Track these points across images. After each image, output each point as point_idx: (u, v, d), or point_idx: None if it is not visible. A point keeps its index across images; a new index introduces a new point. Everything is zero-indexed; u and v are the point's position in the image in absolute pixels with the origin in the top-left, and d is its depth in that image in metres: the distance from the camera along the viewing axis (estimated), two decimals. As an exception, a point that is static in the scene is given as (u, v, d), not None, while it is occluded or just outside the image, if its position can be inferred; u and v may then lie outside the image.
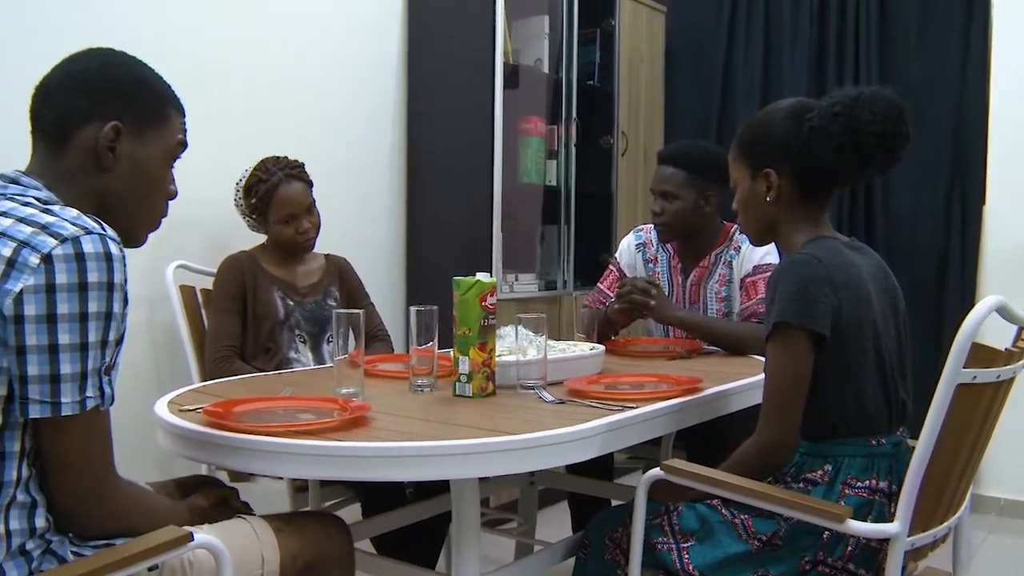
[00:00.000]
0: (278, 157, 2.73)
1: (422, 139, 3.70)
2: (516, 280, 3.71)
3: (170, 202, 1.56)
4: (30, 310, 1.22)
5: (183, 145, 1.53)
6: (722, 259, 2.84)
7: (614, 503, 2.71)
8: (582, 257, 4.04)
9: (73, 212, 1.31)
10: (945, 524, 1.68)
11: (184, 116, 1.54)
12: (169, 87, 1.52)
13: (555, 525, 3.10)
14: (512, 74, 3.66)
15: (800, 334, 1.71)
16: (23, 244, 1.24)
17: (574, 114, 3.95)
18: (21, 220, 1.27)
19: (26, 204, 1.32)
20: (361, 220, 3.56)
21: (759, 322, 2.66)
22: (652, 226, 3.00)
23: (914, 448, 1.58)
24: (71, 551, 1.32)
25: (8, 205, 1.31)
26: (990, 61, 3.92)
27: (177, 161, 1.54)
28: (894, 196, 4.20)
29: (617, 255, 3.09)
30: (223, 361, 2.55)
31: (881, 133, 1.74)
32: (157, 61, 1.54)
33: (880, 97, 1.75)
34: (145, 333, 2.80)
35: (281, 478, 2.39)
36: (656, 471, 1.76)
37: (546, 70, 3.90)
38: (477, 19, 3.50)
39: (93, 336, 1.26)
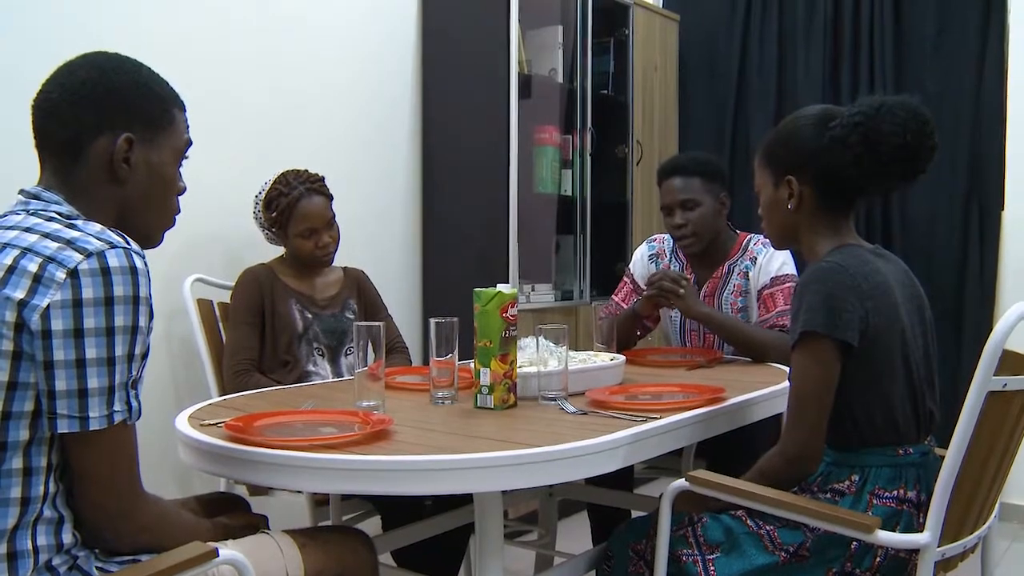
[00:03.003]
0: (298, 170, 2.72)
1: (437, 149, 3.70)
2: (532, 290, 3.70)
3: (185, 215, 1.57)
4: (57, 325, 1.22)
5: (190, 142, 1.53)
6: (736, 269, 2.83)
7: (634, 514, 2.69)
8: (598, 267, 4.02)
9: (97, 227, 1.31)
10: (975, 534, 1.67)
11: (185, 111, 1.53)
12: (168, 85, 1.51)
13: (574, 536, 3.09)
14: (526, 84, 3.65)
15: (827, 343, 1.69)
16: (49, 259, 1.24)
17: (589, 123, 3.94)
18: (46, 235, 1.28)
19: (50, 219, 1.32)
20: (377, 231, 3.56)
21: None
22: (668, 238, 2.99)
23: (942, 457, 1.56)
24: (96, 567, 1.32)
25: (32, 220, 1.32)
26: (1007, 66, 3.90)
27: (185, 161, 1.54)
28: (911, 203, 4.18)
29: (631, 266, 3.08)
30: (242, 374, 2.54)
31: (901, 145, 1.71)
32: (173, 75, 1.54)
33: (903, 107, 1.71)
34: (163, 347, 2.80)
35: (301, 492, 2.38)
36: (681, 482, 1.75)
37: (560, 80, 3.89)
38: (491, 29, 3.50)
39: (120, 350, 1.26)
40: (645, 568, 1.86)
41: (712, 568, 1.74)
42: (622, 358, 2.31)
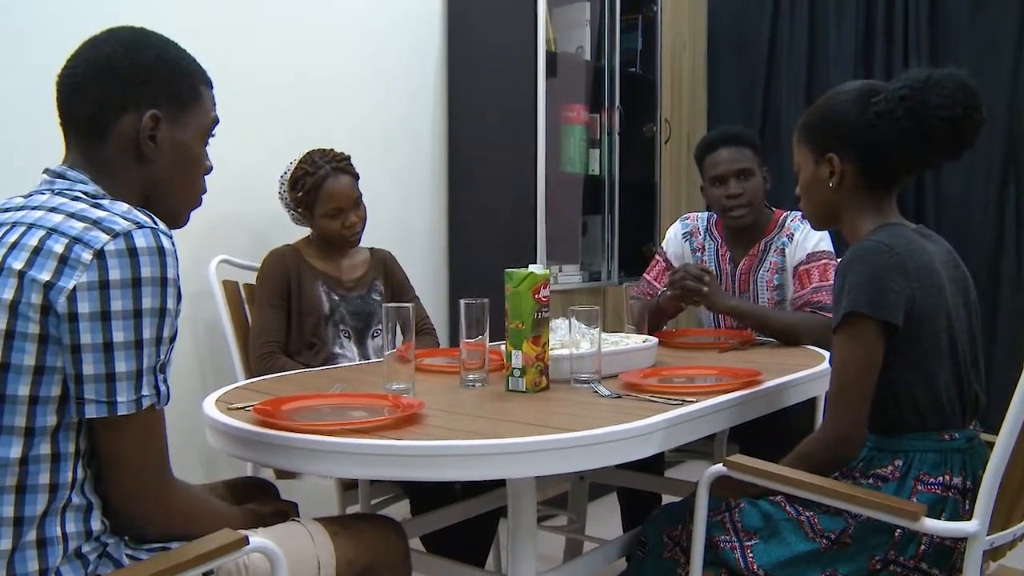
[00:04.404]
0: (324, 150, 2.68)
1: (463, 129, 3.66)
2: (560, 271, 3.66)
3: (210, 196, 1.54)
4: (84, 307, 1.19)
5: (217, 120, 1.50)
6: (773, 247, 2.78)
7: (665, 498, 2.66)
8: (626, 248, 3.97)
9: (124, 206, 1.28)
10: (1024, 522, 1.61)
11: (212, 88, 1.50)
12: (195, 61, 1.47)
13: (604, 520, 3.05)
14: (553, 62, 3.59)
15: (871, 324, 1.64)
16: (75, 240, 1.21)
17: (617, 102, 3.88)
18: (72, 216, 1.25)
19: (75, 199, 1.29)
20: (403, 213, 3.52)
21: (813, 311, 2.61)
22: (702, 216, 2.95)
23: (988, 443, 1.51)
24: (126, 554, 1.29)
25: (58, 200, 1.29)
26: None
27: (211, 139, 1.50)
28: (945, 182, 4.10)
29: (664, 245, 3.03)
30: (268, 357, 2.51)
31: (950, 118, 1.66)
32: (198, 55, 1.50)
33: (951, 79, 1.66)
34: (188, 329, 2.78)
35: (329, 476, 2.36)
36: (719, 467, 1.70)
37: (588, 57, 3.84)
38: (518, 7, 3.44)
39: (148, 333, 1.23)
40: (681, 555, 1.82)
41: (750, 555, 1.70)
42: (654, 340, 2.27)
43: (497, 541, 2.64)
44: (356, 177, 2.69)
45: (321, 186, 2.61)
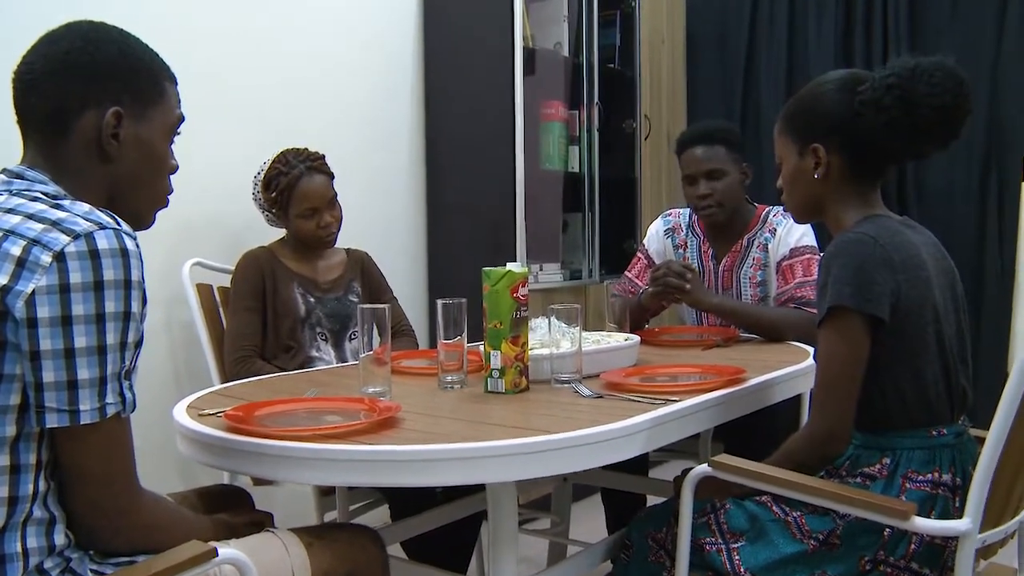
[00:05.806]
0: (298, 149, 2.63)
1: (441, 127, 3.61)
2: (540, 270, 3.62)
3: (183, 197, 1.48)
4: (43, 312, 1.13)
5: (182, 118, 1.45)
6: (755, 243, 2.75)
7: (650, 499, 2.62)
8: (607, 245, 3.94)
9: (85, 207, 1.22)
10: (1016, 519, 1.58)
11: (177, 85, 1.44)
12: (158, 56, 1.42)
13: (587, 522, 3.02)
14: (531, 58, 3.55)
15: (856, 318, 1.61)
16: (34, 242, 1.16)
17: (596, 98, 3.84)
18: (30, 216, 1.19)
19: (34, 199, 1.23)
20: (380, 212, 3.47)
21: (796, 307, 2.58)
22: (684, 212, 2.92)
23: (977, 438, 1.48)
24: (91, 569, 1.24)
25: (15, 201, 1.23)
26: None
27: (177, 137, 1.45)
28: (927, 172, 4.09)
29: (645, 242, 3.00)
30: (243, 361, 2.47)
31: (939, 107, 1.64)
32: (170, 52, 1.45)
33: (939, 68, 1.64)
34: (162, 334, 2.73)
35: (307, 481, 2.31)
36: (704, 467, 1.67)
37: (566, 54, 3.80)
38: (495, 3, 3.40)
39: (111, 338, 1.18)
40: (666, 557, 1.79)
41: (737, 557, 1.67)
42: (636, 338, 2.24)
43: (480, 545, 2.60)
44: (331, 176, 2.65)
45: (295, 186, 2.56)
